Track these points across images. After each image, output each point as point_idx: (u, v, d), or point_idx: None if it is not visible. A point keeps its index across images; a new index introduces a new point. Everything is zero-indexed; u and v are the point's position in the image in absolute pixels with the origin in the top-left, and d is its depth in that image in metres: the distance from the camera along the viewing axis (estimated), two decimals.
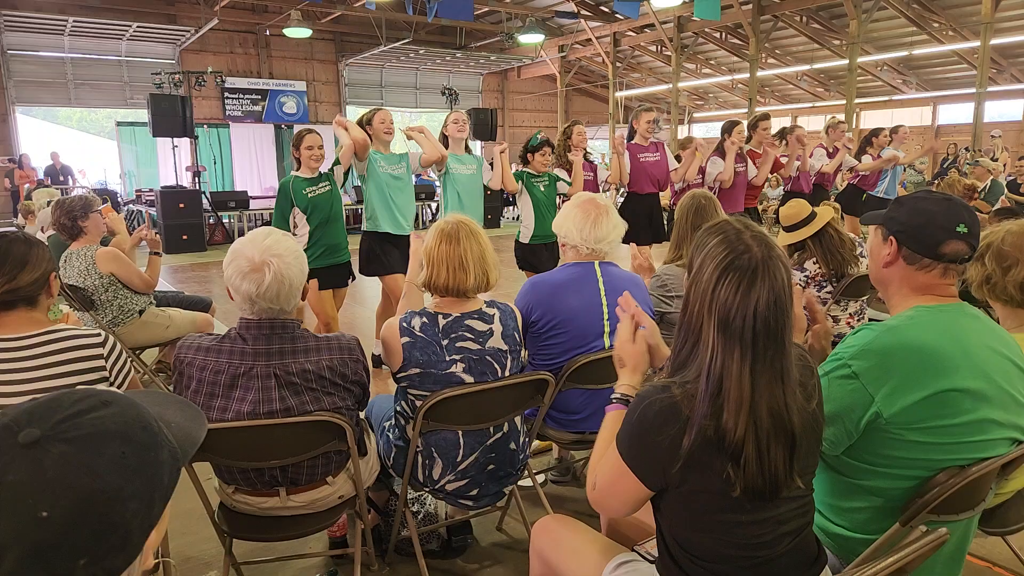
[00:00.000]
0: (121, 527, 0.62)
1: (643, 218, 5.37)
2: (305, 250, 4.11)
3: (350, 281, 4.37)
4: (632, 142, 5.45)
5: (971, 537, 1.55)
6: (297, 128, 4.21)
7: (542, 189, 4.70)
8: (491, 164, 4.77)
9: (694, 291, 1.19)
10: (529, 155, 4.72)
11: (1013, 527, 1.84)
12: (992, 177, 8.58)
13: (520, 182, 4.66)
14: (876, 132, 7.01)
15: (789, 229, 3.41)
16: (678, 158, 5.66)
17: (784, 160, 6.18)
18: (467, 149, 4.68)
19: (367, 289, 7.67)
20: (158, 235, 3.91)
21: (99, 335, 1.77)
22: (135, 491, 0.63)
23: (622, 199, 5.54)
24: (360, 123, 4.25)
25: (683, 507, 1.20)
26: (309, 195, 4.11)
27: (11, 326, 1.71)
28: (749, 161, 5.82)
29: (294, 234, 4.22)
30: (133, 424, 0.66)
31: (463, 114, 4.68)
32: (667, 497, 1.21)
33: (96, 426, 0.64)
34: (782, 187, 7.86)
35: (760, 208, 7.09)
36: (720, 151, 5.68)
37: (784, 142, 6.35)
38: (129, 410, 0.67)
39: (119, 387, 1.79)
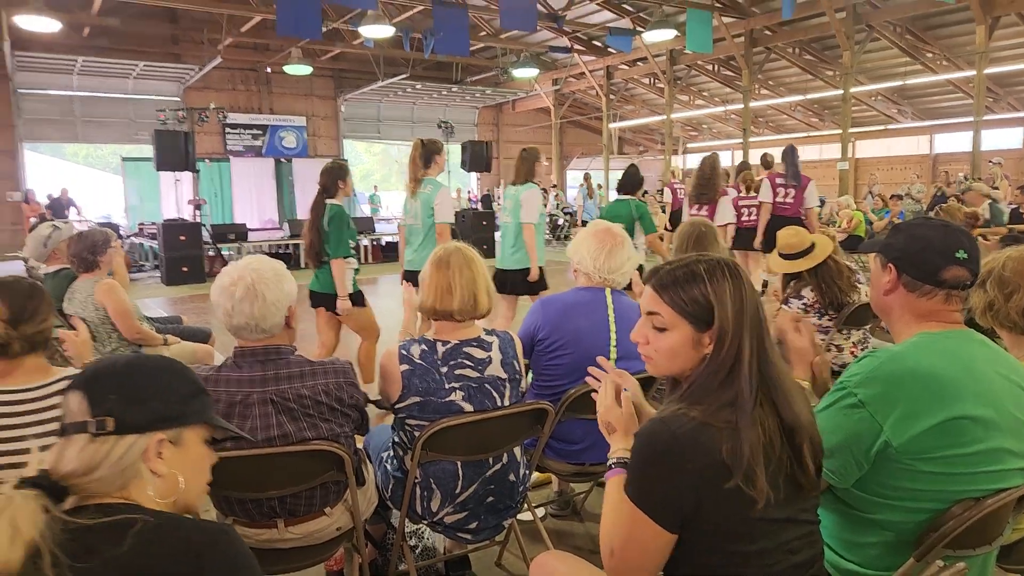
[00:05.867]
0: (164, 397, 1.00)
1: None
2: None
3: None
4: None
5: (989, 575, 1.51)
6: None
7: None
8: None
9: (731, 324, 1.20)
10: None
11: None
12: (989, 202, 8.56)
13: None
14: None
15: (787, 257, 3.37)
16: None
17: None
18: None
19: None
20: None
21: None
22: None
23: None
24: (429, 152, 4.28)
25: (694, 544, 1.18)
26: None
27: (27, 375, 1.66)
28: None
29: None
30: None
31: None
32: (680, 537, 1.19)
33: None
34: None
35: None
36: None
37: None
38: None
39: None
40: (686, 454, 1.13)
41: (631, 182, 5.35)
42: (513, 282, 4.76)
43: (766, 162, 8.08)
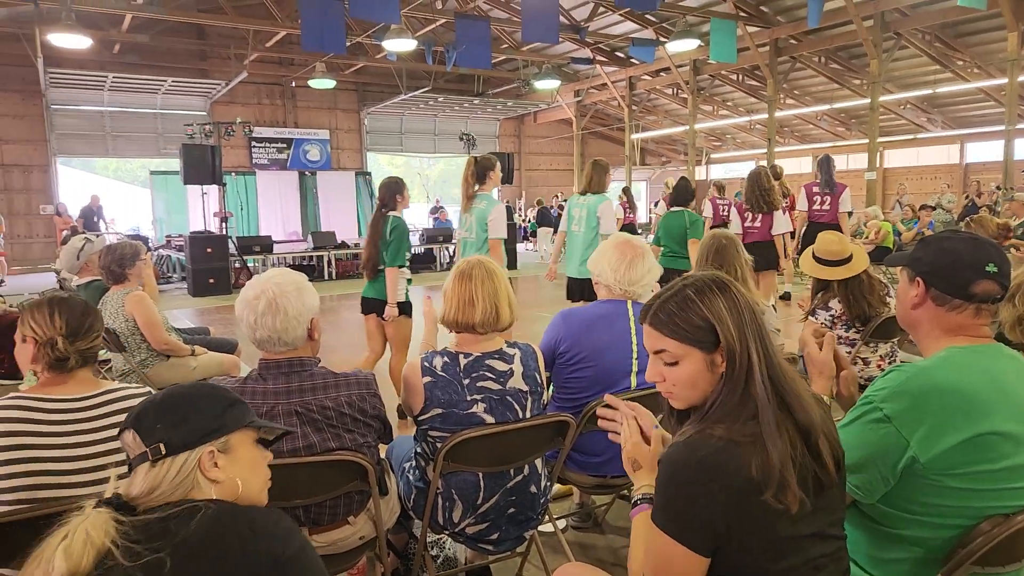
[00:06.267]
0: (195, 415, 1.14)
1: None
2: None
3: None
4: None
5: None
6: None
7: None
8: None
9: (736, 338, 1.20)
10: None
11: None
12: None
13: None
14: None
15: (822, 262, 3.26)
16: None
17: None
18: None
19: None
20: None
21: (149, 392, 1.81)
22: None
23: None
24: (483, 168, 4.46)
25: (721, 564, 1.16)
26: None
27: (77, 386, 1.74)
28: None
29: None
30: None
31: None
32: (713, 561, 1.17)
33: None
34: None
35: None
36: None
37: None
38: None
39: None
40: (712, 475, 1.12)
41: (683, 195, 5.82)
42: (582, 289, 4.83)
43: (775, 173, 8.31)
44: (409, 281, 4.26)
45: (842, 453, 1.22)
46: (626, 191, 12.77)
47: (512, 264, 12.89)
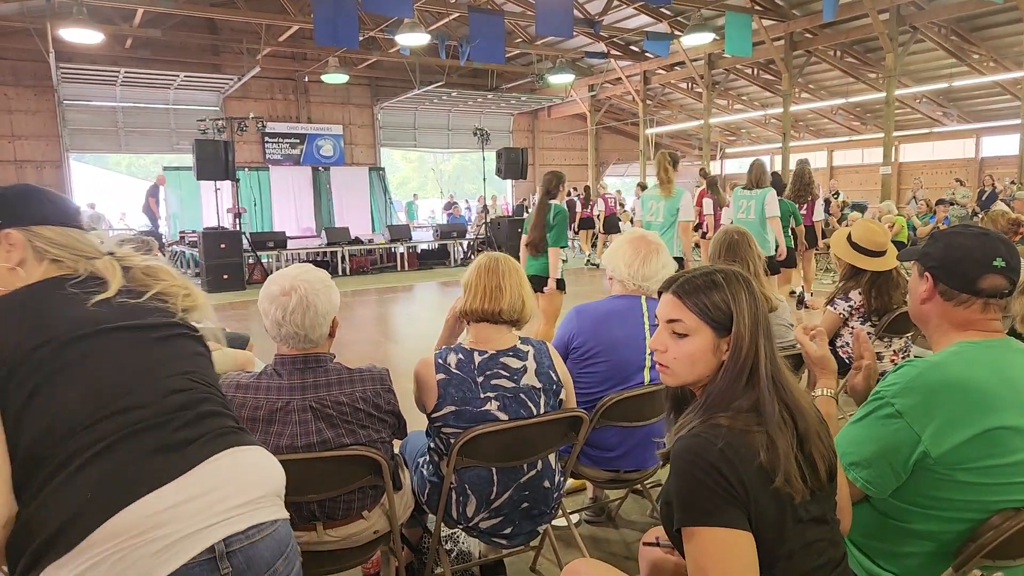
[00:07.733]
0: None
1: None
2: None
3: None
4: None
5: None
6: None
7: None
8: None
9: (748, 332, 1.23)
10: None
11: None
12: None
13: None
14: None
15: (858, 249, 3.22)
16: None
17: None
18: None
19: (402, 328, 7.75)
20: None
21: None
22: None
23: None
24: (675, 160, 5.29)
25: None
26: None
27: None
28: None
29: None
30: None
31: None
32: None
33: None
34: None
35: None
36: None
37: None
38: None
39: None
40: (735, 459, 1.13)
41: (777, 186, 6.61)
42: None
43: (704, 173, 9.69)
44: (564, 260, 4.83)
45: (836, 464, 1.24)
46: (586, 188, 13.62)
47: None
